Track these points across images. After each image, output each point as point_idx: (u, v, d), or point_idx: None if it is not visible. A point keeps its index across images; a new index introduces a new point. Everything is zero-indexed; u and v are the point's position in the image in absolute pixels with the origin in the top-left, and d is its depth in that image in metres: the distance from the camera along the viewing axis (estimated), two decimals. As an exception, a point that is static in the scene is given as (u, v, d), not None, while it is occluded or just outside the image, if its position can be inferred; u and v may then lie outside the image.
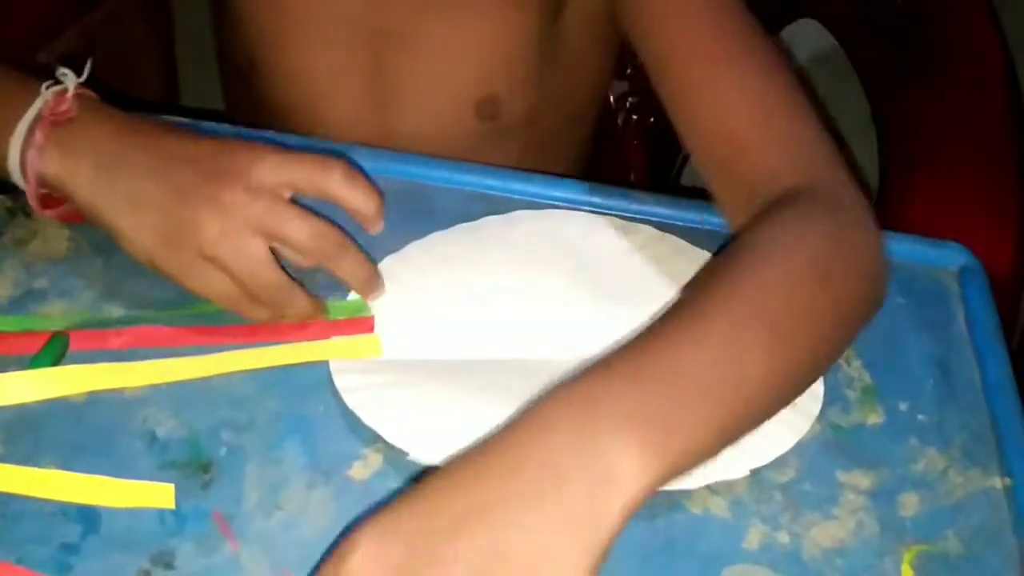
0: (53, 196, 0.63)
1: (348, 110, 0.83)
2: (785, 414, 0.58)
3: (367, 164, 0.72)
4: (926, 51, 0.89)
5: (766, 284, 0.54)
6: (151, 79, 1.17)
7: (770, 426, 0.58)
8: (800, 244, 0.57)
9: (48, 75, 0.62)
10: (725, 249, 0.58)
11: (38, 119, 0.60)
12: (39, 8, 1.00)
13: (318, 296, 0.63)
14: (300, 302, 0.61)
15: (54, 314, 0.61)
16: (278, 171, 0.59)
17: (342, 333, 0.62)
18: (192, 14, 1.13)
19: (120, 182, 0.59)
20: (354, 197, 0.61)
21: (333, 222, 0.61)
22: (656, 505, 0.55)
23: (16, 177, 0.61)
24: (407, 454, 0.56)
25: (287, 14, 0.80)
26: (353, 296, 0.64)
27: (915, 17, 0.92)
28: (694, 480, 0.55)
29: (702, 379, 0.49)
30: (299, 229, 0.59)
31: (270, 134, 0.73)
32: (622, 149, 1.07)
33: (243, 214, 0.57)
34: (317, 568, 0.46)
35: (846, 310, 0.57)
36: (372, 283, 0.64)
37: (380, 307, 0.64)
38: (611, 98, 1.06)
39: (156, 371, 0.59)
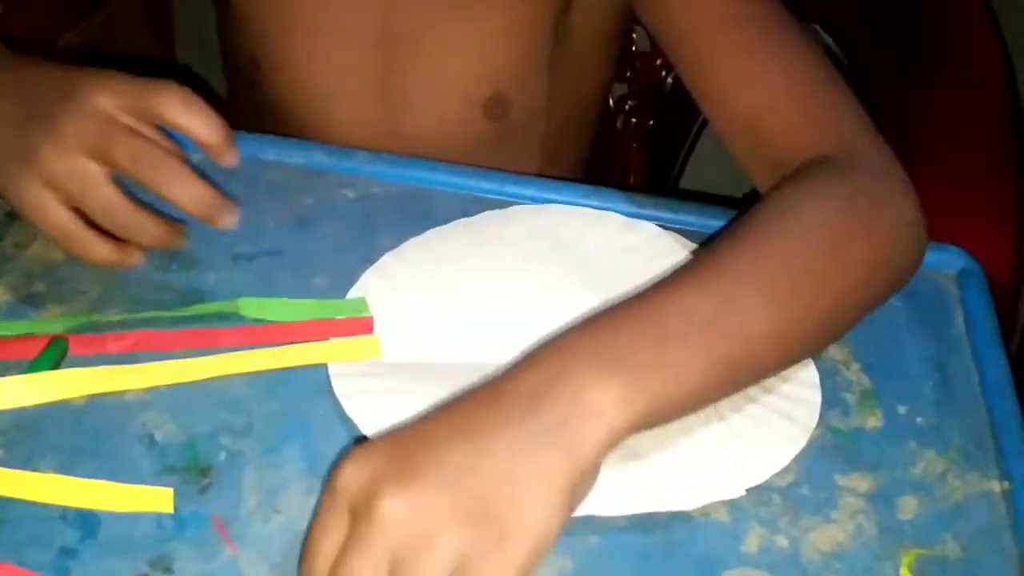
0: None
1: (354, 110, 0.83)
2: (782, 427, 0.59)
3: (365, 167, 0.72)
4: (924, 53, 0.89)
5: (778, 244, 0.55)
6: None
7: (767, 441, 0.58)
8: (817, 208, 0.58)
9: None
10: (746, 212, 0.59)
11: None
12: (38, 11, 1.00)
13: (172, 220, 0.63)
14: (147, 225, 0.62)
15: (52, 319, 0.61)
16: (115, 96, 0.60)
17: (341, 334, 0.62)
18: (193, 17, 1.13)
19: None
20: (191, 123, 0.61)
21: (177, 143, 0.62)
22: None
23: None
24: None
25: (291, 14, 0.80)
26: (352, 295, 0.64)
27: (913, 19, 0.92)
28: (690, 502, 0.55)
29: (692, 323, 0.50)
30: (121, 148, 0.59)
31: (272, 138, 0.73)
32: (621, 152, 1.07)
33: (76, 137, 0.59)
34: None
35: (866, 276, 0.58)
36: (209, 206, 0.62)
37: (379, 307, 0.63)
38: (610, 101, 1.06)
39: (155, 374, 0.59)
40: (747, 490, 0.56)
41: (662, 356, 0.49)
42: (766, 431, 0.58)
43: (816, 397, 0.61)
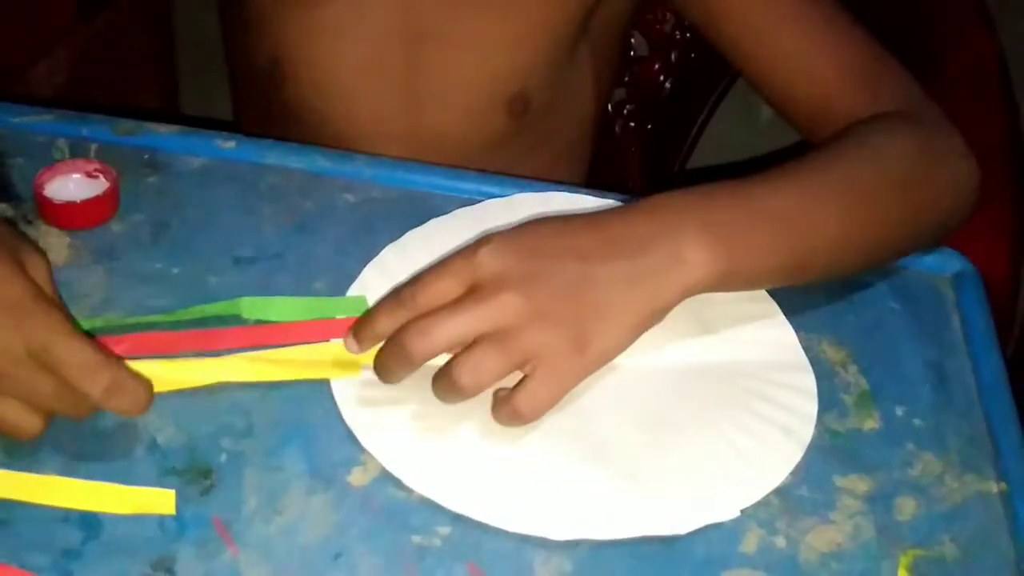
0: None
1: (377, 109, 0.83)
2: (778, 441, 0.59)
3: (365, 171, 0.72)
4: (920, 56, 0.89)
5: (857, 166, 0.65)
6: (151, 88, 1.17)
7: (763, 458, 0.58)
8: (893, 139, 0.67)
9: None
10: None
11: None
12: (39, 16, 1.00)
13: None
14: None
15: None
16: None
17: (341, 335, 0.61)
18: (193, 23, 1.14)
19: None
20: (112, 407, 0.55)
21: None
22: (654, 510, 0.55)
23: None
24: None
25: (316, 13, 0.80)
26: (353, 291, 0.64)
27: (909, 22, 0.93)
28: (685, 526, 0.55)
29: (776, 215, 0.61)
30: (39, 390, 0.54)
31: (271, 142, 0.73)
32: (620, 156, 1.07)
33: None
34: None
35: (926, 211, 0.67)
36: (140, 409, 0.56)
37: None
38: (609, 105, 1.07)
39: (154, 379, 0.59)
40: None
41: (748, 236, 0.60)
42: (761, 448, 0.58)
43: (812, 407, 0.61)
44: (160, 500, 0.54)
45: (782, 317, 0.65)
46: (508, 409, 0.57)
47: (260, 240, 0.67)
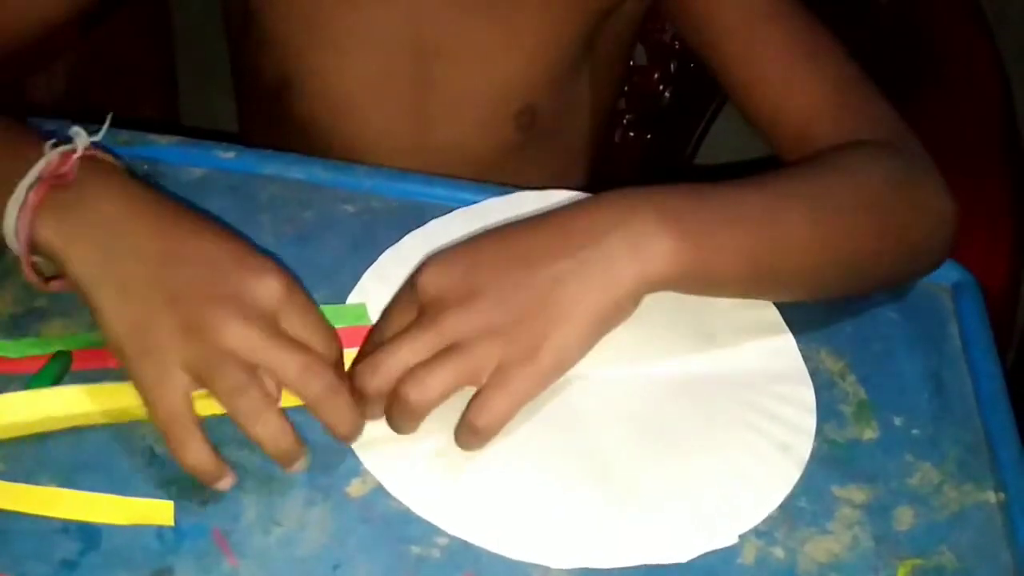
0: None
1: (385, 124, 0.83)
2: (776, 460, 0.59)
3: (365, 182, 0.72)
4: (921, 68, 0.89)
5: (829, 177, 0.64)
6: (151, 98, 1.17)
7: (761, 479, 0.58)
8: (872, 164, 0.65)
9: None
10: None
11: (38, 181, 0.56)
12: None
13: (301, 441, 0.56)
14: (283, 435, 0.54)
15: (54, 335, 0.62)
16: (276, 300, 0.56)
17: (343, 344, 0.60)
18: (193, 35, 1.14)
19: (115, 266, 0.55)
20: (326, 413, 0.56)
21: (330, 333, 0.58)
22: (652, 520, 0.55)
23: (12, 243, 0.57)
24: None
25: (324, 30, 0.80)
26: (352, 299, 0.64)
27: (910, 34, 0.93)
28: (684, 554, 0.55)
29: (741, 216, 0.59)
30: (285, 365, 0.55)
31: (271, 153, 0.74)
32: (619, 165, 1.07)
33: (228, 341, 0.54)
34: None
35: (899, 244, 0.65)
36: (354, 435, 0.57)
37: (375, 315, 0.63)
38: (608, 115, 1.07)
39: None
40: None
41: (712, 233, 0.57)
42: (761, 468, 0.58)
43: (811, 422, 0.61)
44: (158, 511, 0.54)
45: (783, 325, 0.65)
46: (464, 426, 0.55)
47: (259, 250, 0.67)
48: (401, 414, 0.56)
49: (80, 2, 0.75)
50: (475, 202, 0.72)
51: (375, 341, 0.59)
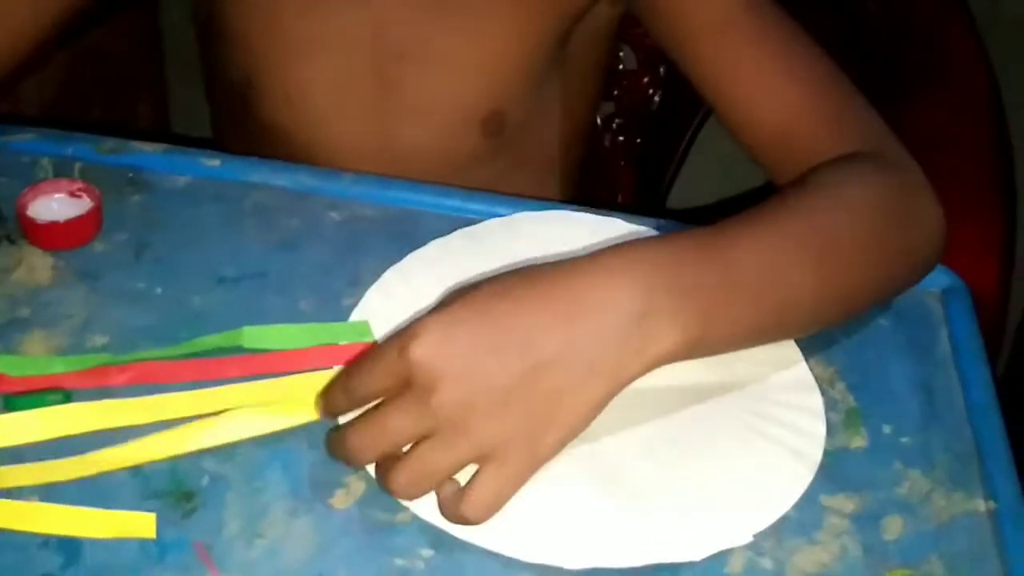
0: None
1: (351, 128, 0.82)
2: (788, 465, 0.58)
3: (351, 189, 0.72)
4: (910, 73, 0.89)
5: (829, 217, 0.61)
6: (141, 105, 1.17)
7: (774, 482, 0.57)
8: (863, 192, 0.63)
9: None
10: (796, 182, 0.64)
11: None
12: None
13: None
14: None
15: (35, 346, 0.61)
16: None
17: (344, 362, 0.60)
18: (183, 42, 1.13)
19: None
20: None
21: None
22: (639, 531, 0.55)
23: None
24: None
25: (287, 32, 0.80)
26: (355, 316, 0.63)
27: (899, 40, 0.92)
28: (699, 552, 0.54)
29: (749, 281, 0.57)
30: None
31: (257, 160, 0.73)
32: (610, 170, 1.07)
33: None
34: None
35: (898, 260, 0.64)
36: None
37: (383, 330, 0.62)
38: (598, 119, 1.07)
39: (155, 409, 0.58)
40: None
41: (720, 305, 0.55)
42: (773, 473, 0.58)
43: (821, 428, 0.60)
44: (140, 524, 0.53)
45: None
46: (455, 513, 0.53)
47: (244, 259, 0.67)
48: (393, 495, 0.54)
49: (59, 14, 0.74)
50: (462, 209, 0.71)
51: (354, 389, 0.55)
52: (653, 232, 0.69)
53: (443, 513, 0.54)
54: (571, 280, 0.54)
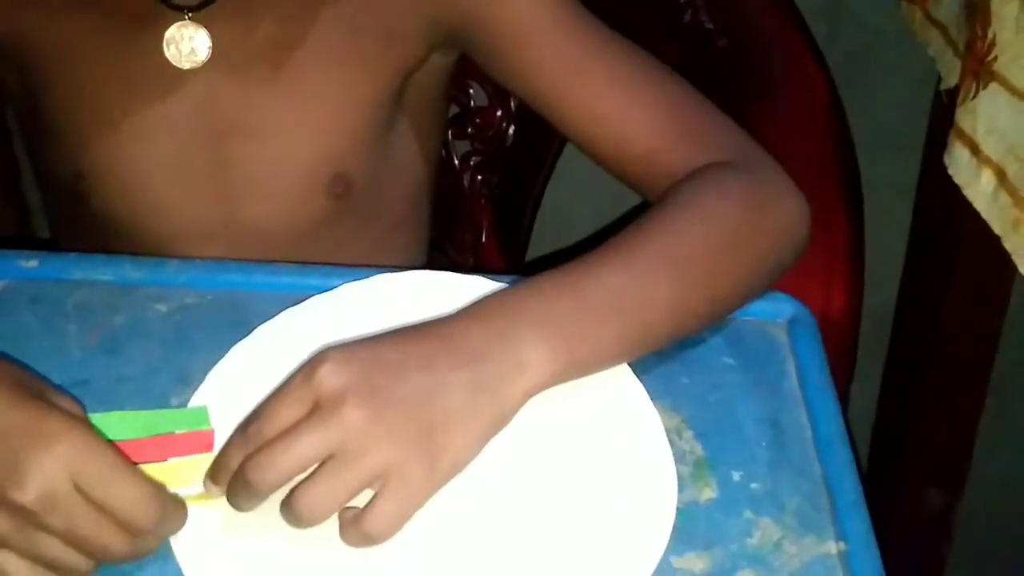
0: None
1: (190, 209, 0.80)
2: (638, 544, 0.56)
3: (178, 277, 0.69)
4: (749, 89, 0.88)
5: (685, 234, 0.65)
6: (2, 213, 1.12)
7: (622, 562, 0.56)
8: (719, 205, 0.66)
9: None
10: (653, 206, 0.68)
11: None
12: None
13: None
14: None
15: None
16: (68, 471, 0.52)
17: (179, 453, 0.59)
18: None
19: None
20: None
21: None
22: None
23: None
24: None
25: (114, 123, 0.77)
26: (196, 400, 0.61)
27: (737, 55, 0.92)
28: None
29: (607, 304, 0.61)
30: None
31: (77, 255, 0.70)
32: (470, 210, 1.05)
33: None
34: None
35: (758, 264, 0.67)
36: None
37: (223, 415, 0.60)
38: (455, 159, 1.05)
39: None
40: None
41: (584, 327, 0.60)
42: (627, 547, 0.56)
43: (672, 495, 0.58)
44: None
45: (631, 376, 0.63)
46: (357, 532, 0.54)
47: (65, 365, 0.64)
48: (296, 523, 0.54)
49: None
50: (299, 285, 0.69)
51: (253, 435, 0.55)
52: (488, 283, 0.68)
53: (345, 536, 0.54)
54: (456, 325, 0.59)
